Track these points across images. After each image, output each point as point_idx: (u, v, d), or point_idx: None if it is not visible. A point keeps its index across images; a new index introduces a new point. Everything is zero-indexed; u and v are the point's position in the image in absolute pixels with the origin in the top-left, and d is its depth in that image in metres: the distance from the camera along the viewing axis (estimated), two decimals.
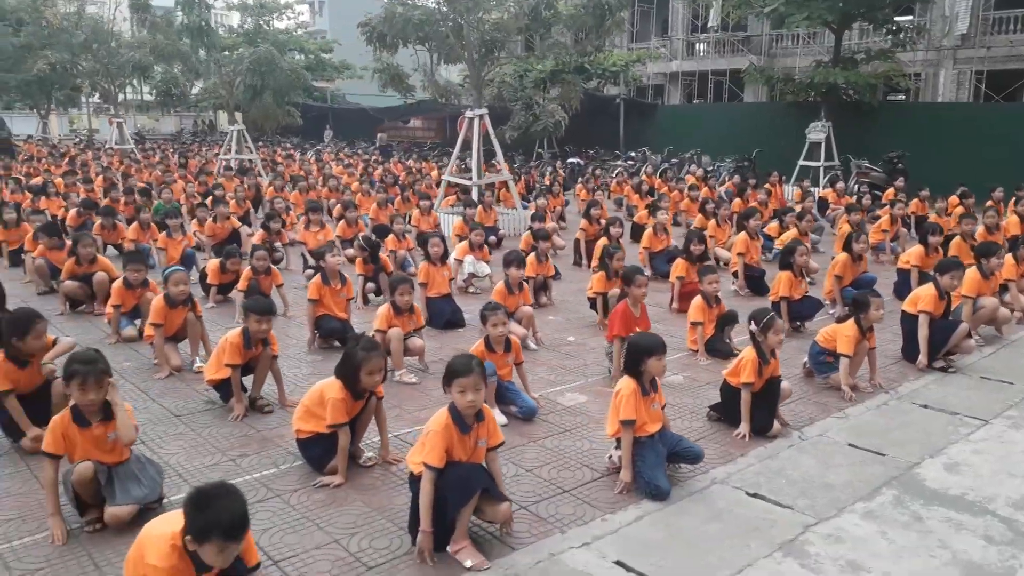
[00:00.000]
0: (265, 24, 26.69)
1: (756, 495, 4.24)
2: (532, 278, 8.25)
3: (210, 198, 12.64)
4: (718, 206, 11.79)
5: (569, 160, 24.76)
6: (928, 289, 6.60)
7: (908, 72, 22.96)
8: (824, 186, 17.71)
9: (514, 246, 9.34)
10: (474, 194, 14.32)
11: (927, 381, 6.18)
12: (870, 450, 4.83)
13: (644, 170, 19.86)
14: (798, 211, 11.01)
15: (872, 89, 21.38)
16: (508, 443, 4.42)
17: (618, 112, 27.08)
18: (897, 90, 25.16)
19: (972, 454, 4.81)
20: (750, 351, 5.05)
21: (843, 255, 8.32)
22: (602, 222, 10.90)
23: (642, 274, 6.25)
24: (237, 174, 18.12)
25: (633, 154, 24.52)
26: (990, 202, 12.05)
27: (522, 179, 18.67)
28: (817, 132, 19.10)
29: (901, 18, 23.49)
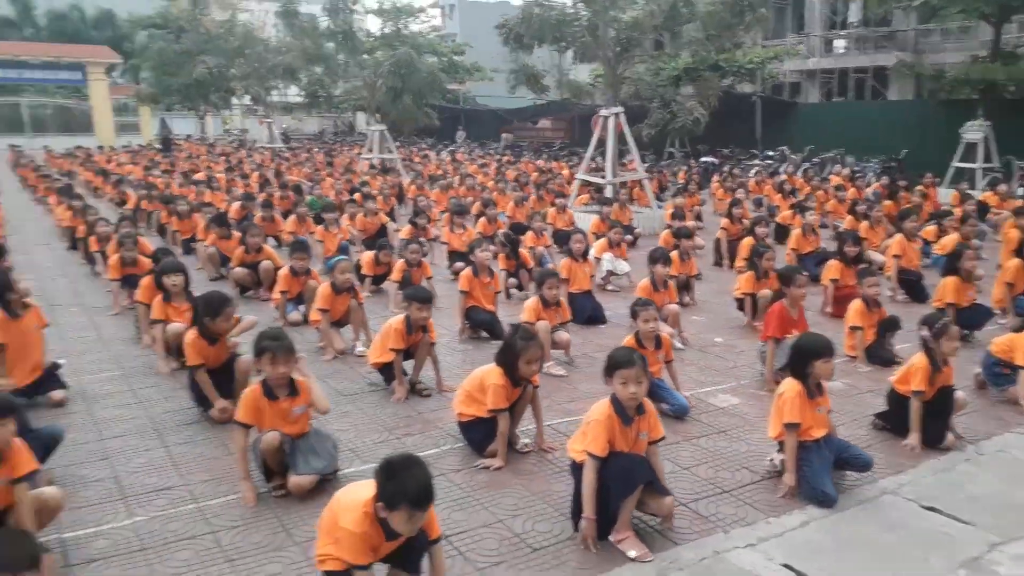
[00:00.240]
0: (403, 28, 27.60)
1: (932, 508, 4.03)
2: (675, 277, 8.16)
3: (358, 195, 13.28)
4: (869, 207, 11.23)
5: (702, 159, 24.23)
6: None
7: None
8: (984, 189, 16.48)
9: (650, 245, 9.26)
10: (608, 192, 14.30)
11: None
12: None
13: (785, 169, 19.16)
14: (959, 215, 10.35)
15: None
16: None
17: (752, 110, 26.22)
18: None
19: None
20: (921, 358, 4.79)
21: (1015, 261, 7.73)
22: (744, 222, 10.65)
23: (802, 274, 6.05)
24: (380, 173, 18.92)
25: (771, 153, 23.67)
26: None
27: (655, 178, 18.45)
28: (974, 132, 17.81)
29: None
